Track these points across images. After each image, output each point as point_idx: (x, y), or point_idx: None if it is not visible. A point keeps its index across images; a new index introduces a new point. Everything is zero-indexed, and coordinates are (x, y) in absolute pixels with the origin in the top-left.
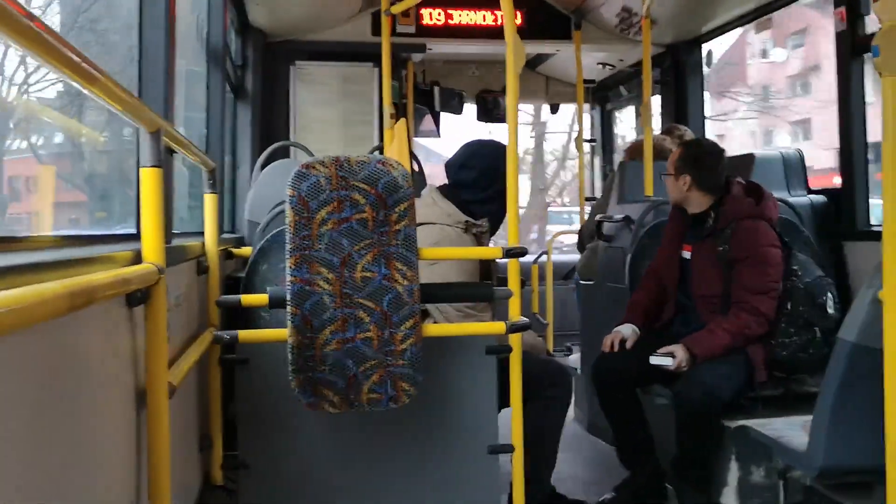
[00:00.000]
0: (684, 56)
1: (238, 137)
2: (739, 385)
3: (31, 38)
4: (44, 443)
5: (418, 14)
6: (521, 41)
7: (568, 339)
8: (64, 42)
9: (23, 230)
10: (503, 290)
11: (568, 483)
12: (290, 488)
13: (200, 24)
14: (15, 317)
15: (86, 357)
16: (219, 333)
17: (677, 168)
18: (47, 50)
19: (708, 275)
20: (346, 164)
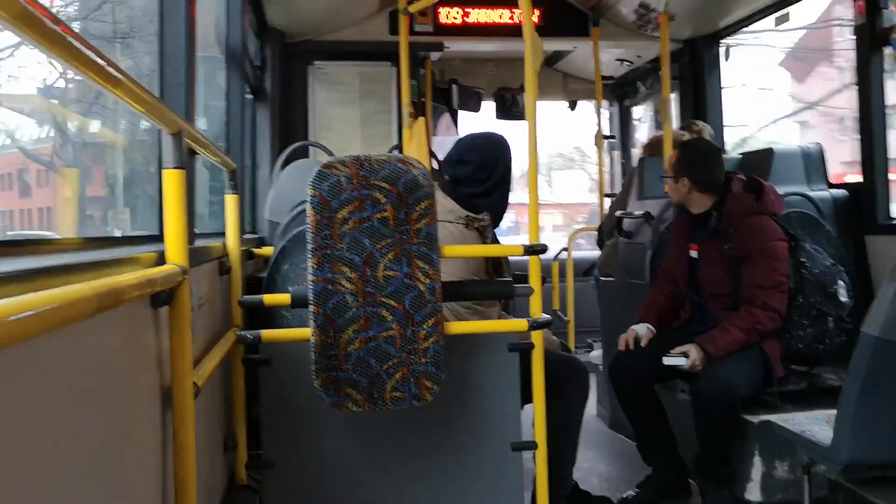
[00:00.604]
0: (703, 52)
1: (257, 138)
2: (757, 380)
3: (57, 42)
4: (73, 443)
5: (436, 12)
6: (539, 38)
7: (589, 336)
8: (89, 45)
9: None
10: (525, 288)
11: (591, 479)
12: (315, 487)
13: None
14: (45, 319)
15: (112, 358)
16: (242, 333)
17: (675, 170)
18: (73, 54)
19: (716, 273)
20: (367, 163)
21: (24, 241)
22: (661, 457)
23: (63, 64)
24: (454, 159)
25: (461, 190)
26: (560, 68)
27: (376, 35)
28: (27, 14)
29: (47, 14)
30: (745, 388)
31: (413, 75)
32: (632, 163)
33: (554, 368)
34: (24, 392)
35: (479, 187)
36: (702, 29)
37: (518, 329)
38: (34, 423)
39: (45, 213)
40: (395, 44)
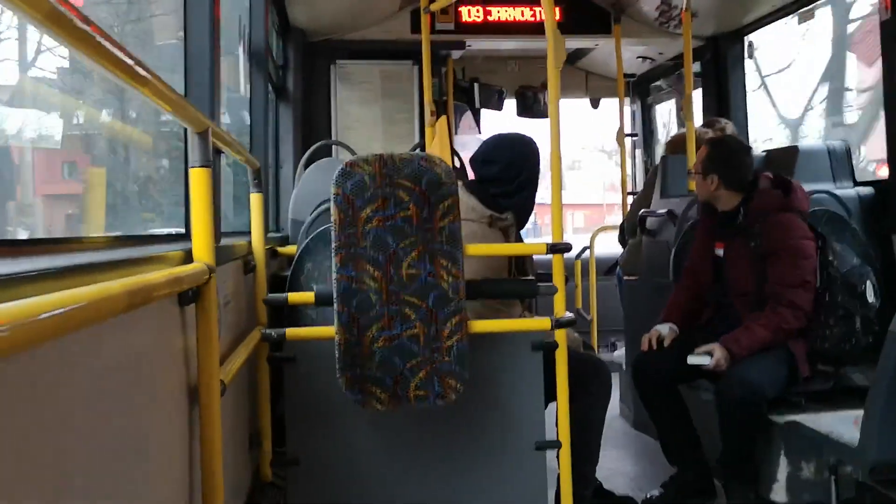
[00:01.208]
0: (726, 48)
1: (281, 137)
2: (782, 380)
3: (87, 42)
4: (103, 438)
5: (457, 11)
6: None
7: (612, 335)
8: (118, 45)
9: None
10: (548, 286)
11: (615, 479)
12: (339, 485)
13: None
14: (77, 316)
15: (141, 355)
16: (267, 331)
17: (704, 168)
18: (101, 53)
19: (742, 271)
20: (390, 161)
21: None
22: (686, 457)
23: (92, 62)
24: (481, 158)
25: (486, 189)
26: (582, 66)
27: (398, 34)
28: (57, 13)
29: (77, 13)
30: (769, 387)
31: (435, 74)
32: (654, 161)
33: (576, 367)
34: (56, 388)
35: (504, 187)
36: (725, 25)
37: (541, 328)
38: (65, 418)
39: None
40: (417, 42)
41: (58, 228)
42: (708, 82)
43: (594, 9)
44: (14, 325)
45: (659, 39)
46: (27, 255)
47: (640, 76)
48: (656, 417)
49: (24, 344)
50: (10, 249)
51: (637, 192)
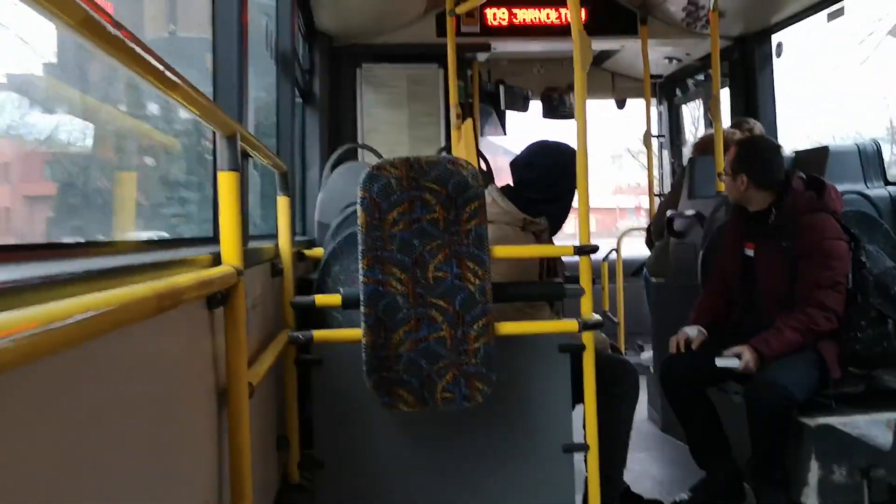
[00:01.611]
0: (754, 48)
1: (307, 141)
2: (813, 383)
3: (119, 47)
4: (134, 439)
5: (482, 14)
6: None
7: (639, 337)
8: (149, 50)
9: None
10: (575, 288)
11: (643, 482)
12: (366, 487)
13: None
14: (108, 319)
15: (171, 358)
16: (294, 334)
17: (734, 168)
18: (133, 58)
19: (774, 272)
20: (417, 164)
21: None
22: (715, 460)
23: (124, 67)
24: (522, 162)
25: (522, 193)
26: (608, 67)
27: (423, 37)
28: (91, 20)
29: (109, 19)
30: (799, 390)
31: (460, 77)
32: (681, 162)
33: (604, 369)
34: (88, 389)
35: (541, 193)
36: (753, 25)
37: (568, 330)
38: (97, 419)
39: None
40: (443, 45)
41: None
42: (736, 82)
43: (620, 10)
44: (47, 328)
45: (686, 40)
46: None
47: (667, 77)
48: (685, 420)
49: (56, 346)
50: (42, 253)
51: (664, 194)
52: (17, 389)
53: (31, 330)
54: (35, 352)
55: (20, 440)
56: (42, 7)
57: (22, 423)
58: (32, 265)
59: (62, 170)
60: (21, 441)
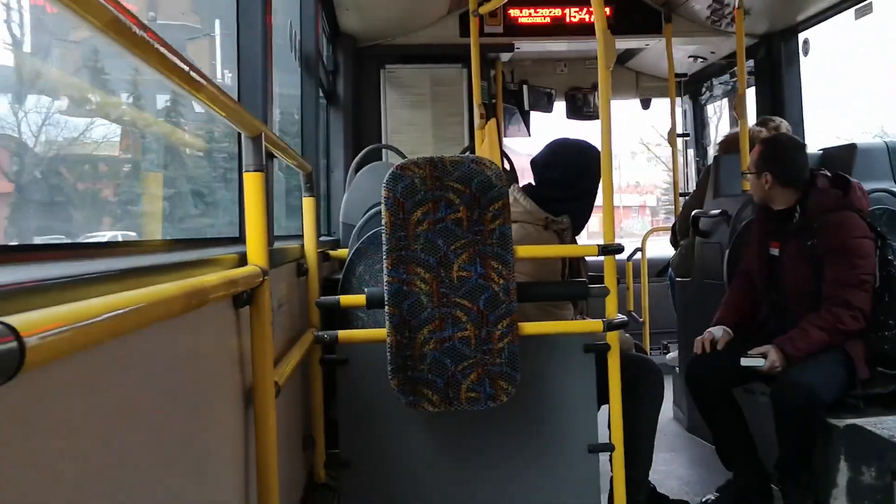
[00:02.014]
0: (780, 46)
1: (332, 141)
2: (840, 383)
3: (145, 49)
4: (161, 437)
5: (506, 13)
6: (612, 36)
7: (664, 337)
8: (175, 51)
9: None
10: (600, 288)
11: (669, 483)
12: (392, 486)
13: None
14: (137, 317)
15: (197, 356)
16: (319, 334)
17: (758, 166)
18: (160, 60)
19: (799, 271)
20: (440, 164)
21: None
22: (742, 461)
23: (150, 68)
24: (542, 161)
25: (544, 192)
26: (632, 66)
27: (446, 38)
28: (118, 22)
29: (136, 21)
30: (827, 390)
31: (483, 77)
32: (706, 161)
33: (628, 370)
34: (115, 387)
35: (563, 192)
36: (779, 23)
37: (593, 330)
38: (125, 417)
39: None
40: (466, 46)
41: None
42: (761, 81)
43: (644, 8)
44: (75, 326)
45: (711, 38)
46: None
47: (692, 75)
48: (711, 421)
49: (86, 343)
50: (73, 252)
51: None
52: (48, 386)
53: (61, 328)
54: (65, 349)
55: (51, 435)
56: (70, 9)
57: (52, 420)
58: (63, 264)
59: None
60: (52, 436)
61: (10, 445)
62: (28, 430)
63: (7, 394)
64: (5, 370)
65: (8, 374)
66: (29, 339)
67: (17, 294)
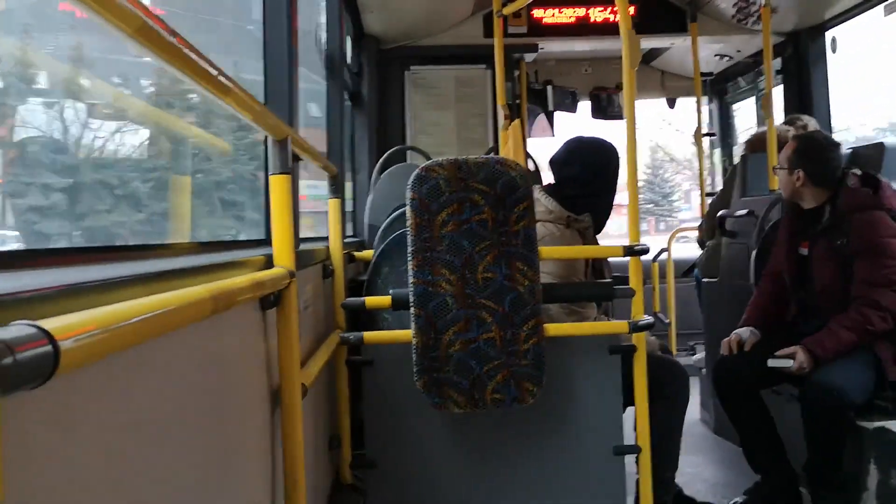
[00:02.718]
0: (807, 44)
1: (356, 143)
2: (869, 384)
3: (174, 54)
4: (190, 438)
5: (530, 14)
6: (636, 36)
7: (690, 339)
8: (203, 56)
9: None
10: (625, 289)
11: (696, 485)
12: (418, 487)
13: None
14: (166, 319)
15: (225, 358)
16: (345, 335)
17: (791, 162)
18: (188, 64)
19: (828, 271)
20: (465, 165)
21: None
22: (770, 464)
23: (178, 73)
24: (561, 160)
25: (564, 191)
26: (657, 66)
27: (470, 38)
28: (147, 27)
29: (164, 26)
30: (855, 392)
31: (508, 77)
32: (733, 160)
33: (654, 371)
34: (145, 389)
35: (582, 189)
36: (806, 21)
37: (619, 331)
38: (155, 418)
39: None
40: (490, 46)
41: None
42: (789, 79)
43: (669, 7)
44: (108, 329)
45: (736, 36)
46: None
47: (718, 74)
48: (738, 423)
49: (117, 346)
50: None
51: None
52: (80, 388)
53: (93, 331)
54: (98, 352)
55: (84, 437)
56: (101, 15)
57: (85, 421)
58: (94, 268)
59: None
60: (85, 438)
61: (45, 447)
62: (62, 432)
63: (42, 396)
64: (41, 373)
65: (43, 377)
66: (63, 343)
67: (51, 297)
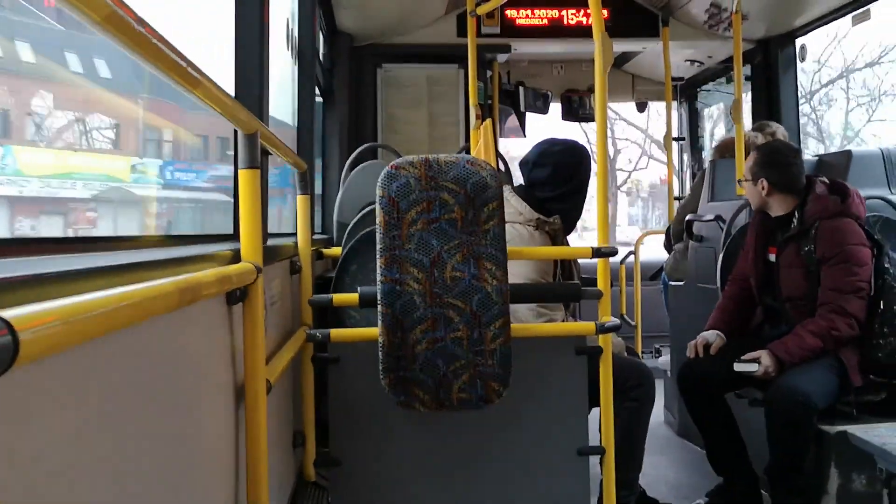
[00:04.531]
0: (777, 51)
1: (327, 140)
2: (833, 390)
3: (143, 44)
4: (152, 431)
5: (503, 14)
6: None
7: (656, 341)
8: (172, 47)
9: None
10: (592, 291)
11: (659, 487)
12: (381, 485)
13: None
14: (131, 311)
15: (190, 353)
16: (312, 332)
17: (754, 173)
18: (157, 55)
19: (795, 277)
20: (435, 164)
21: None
22: (732, 466)
23: (147, 64)
24: (532, 161)
25: (534, 193)
26: (629, 69)
27: (444, 38)
28: (115, 16)
29: (133, 16)
30: (820, 397)
31: (480, 77)
32: (701, 165)
33: (620, 373)
34: (107, 382)
35: (553, 191)
36: (776, 28)
37: (585, 332)
38: (117, 412)
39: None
40: (463, 46)
41: None
42: (758, 86)
43: (642, 12)
44: (69, 321)
45: (708, 42)
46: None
47: (689, 79)
48: (702, 426)
49: (79, 338)
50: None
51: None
52: (42, 380)
53: (54, 322)
54: (60, 344)
55: (43, 430)
56: (68, 3)
57: (45, 414)
58: (58, 258)
59: None
60: (44, 430)
61: (1, 439)
62: (20, 424)
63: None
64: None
65: (2, 367)
66: (23, 334)
67: (12, 288)
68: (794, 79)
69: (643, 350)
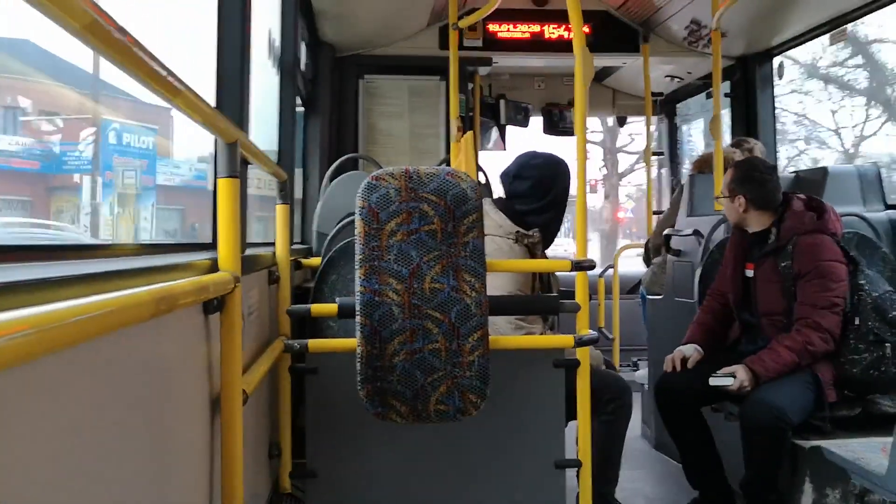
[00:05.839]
0: (755, 68)
1: (308, 150)
2: (808, 405)
3: (123, 53)
4: (126, 442)
5: (485, 28)
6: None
7: (634, 354)
8: (153, 56)
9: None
10: (571, 304)
11: (635, 500)
12: (357, 498)
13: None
14: (106, 321)
15: (165, 362)
16: (289, 342)
17: (731, 190)
18: (137, 64)
19: (772, 292)
20: (416, 175)
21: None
22: (708, 480)
23: (127, 73)
24: (511, 174)
25: (514, 206)
26: (609, 84)
27: (426, 50)
28: (96, 25)
29: (114, 24)
30: (794, 412)
31: (461, 90)
32: (680, 179)
33: (598, 386)
34: (81, 391)
35: (532, 204)
36: (754, 45)
37: (564, 345)
38: (90, 422)
39: None
40: (445, 58)
41: None
42: (737, 102)
43: (623, 27)
44: (42, 329)
45: (688, 59)
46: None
47: (668, 95)
48: (678, 439)
49: (51, 347)
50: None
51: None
52: (13, 389)
53: (27, 330)
54: (32, 352)
55: (14, 439)
56: (48, 11)
57: (16, 423)
58: (32, 266)
59: None
60: (15, 440)
61: None
62: None
63: None
64: None
65: None
66: None
67: None
68: (772, 95)
69: (621, 363)
